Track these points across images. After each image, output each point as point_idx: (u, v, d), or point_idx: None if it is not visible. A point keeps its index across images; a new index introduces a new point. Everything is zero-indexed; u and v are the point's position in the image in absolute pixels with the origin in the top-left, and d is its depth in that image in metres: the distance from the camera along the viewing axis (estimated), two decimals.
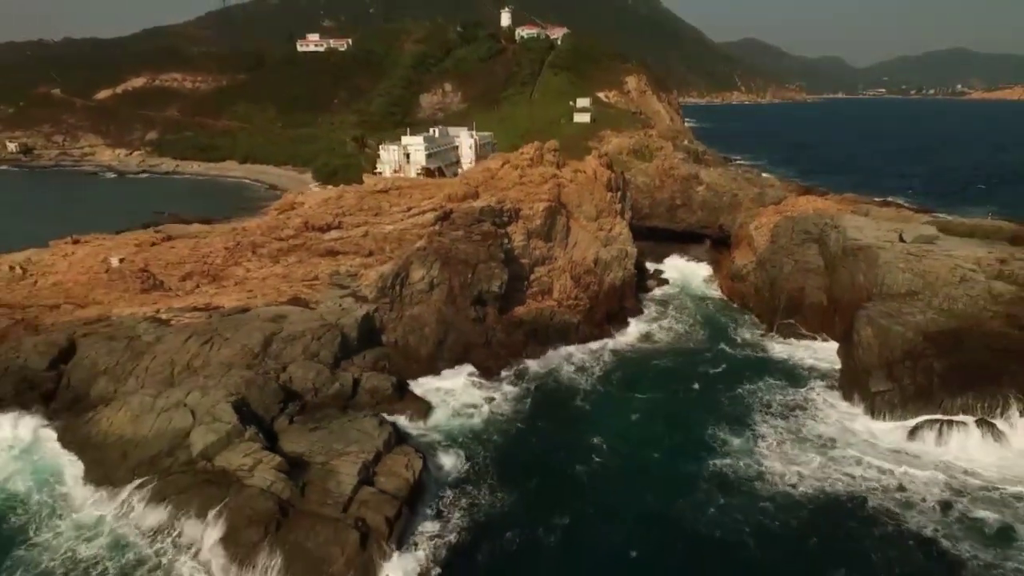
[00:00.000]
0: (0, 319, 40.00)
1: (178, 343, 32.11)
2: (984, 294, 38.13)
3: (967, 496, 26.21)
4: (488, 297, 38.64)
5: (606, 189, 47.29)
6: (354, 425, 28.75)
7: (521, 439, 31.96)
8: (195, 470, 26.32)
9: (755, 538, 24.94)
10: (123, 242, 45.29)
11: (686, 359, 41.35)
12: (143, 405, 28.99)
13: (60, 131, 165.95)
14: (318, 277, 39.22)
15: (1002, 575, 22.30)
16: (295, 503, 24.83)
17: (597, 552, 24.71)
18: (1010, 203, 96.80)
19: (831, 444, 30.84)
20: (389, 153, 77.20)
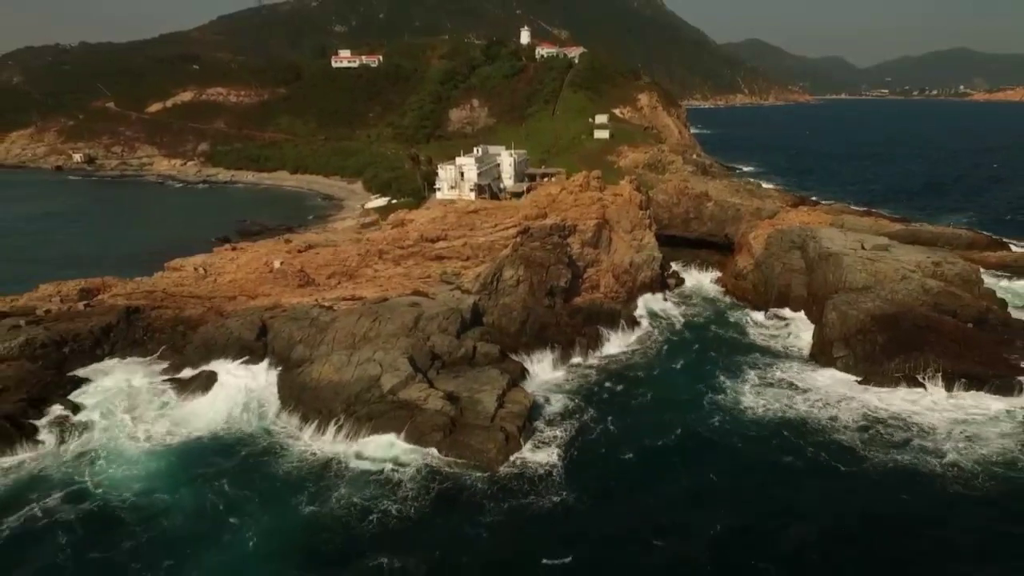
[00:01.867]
0: (197, 307, 54.76)
1: (352, 321, 46.48)
2: (918, 288, 52.37)
3: (882, 423, 40.39)
4: (557, 290, 53.01)
5: (638, 208, 61.61)
6: (482, 374, 43.16)
7: (588, 388, 46.26)
8: (386, 401, 40.74)
9: (738, 437, 39.33)
10: (276, 248, 59.78)
11: (700, 336, 55.67)
12: (341, 361, 43.42)
13: (118, 142, 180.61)
14: (431, 276, 53.55)
15: (893, 467, 36.35)
16: (457, 419, 39.23)
17: (639, 442, 38.96)
18: (983, 209, 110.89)
19: (800, 389, 45.12)
20: (446, 171, 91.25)
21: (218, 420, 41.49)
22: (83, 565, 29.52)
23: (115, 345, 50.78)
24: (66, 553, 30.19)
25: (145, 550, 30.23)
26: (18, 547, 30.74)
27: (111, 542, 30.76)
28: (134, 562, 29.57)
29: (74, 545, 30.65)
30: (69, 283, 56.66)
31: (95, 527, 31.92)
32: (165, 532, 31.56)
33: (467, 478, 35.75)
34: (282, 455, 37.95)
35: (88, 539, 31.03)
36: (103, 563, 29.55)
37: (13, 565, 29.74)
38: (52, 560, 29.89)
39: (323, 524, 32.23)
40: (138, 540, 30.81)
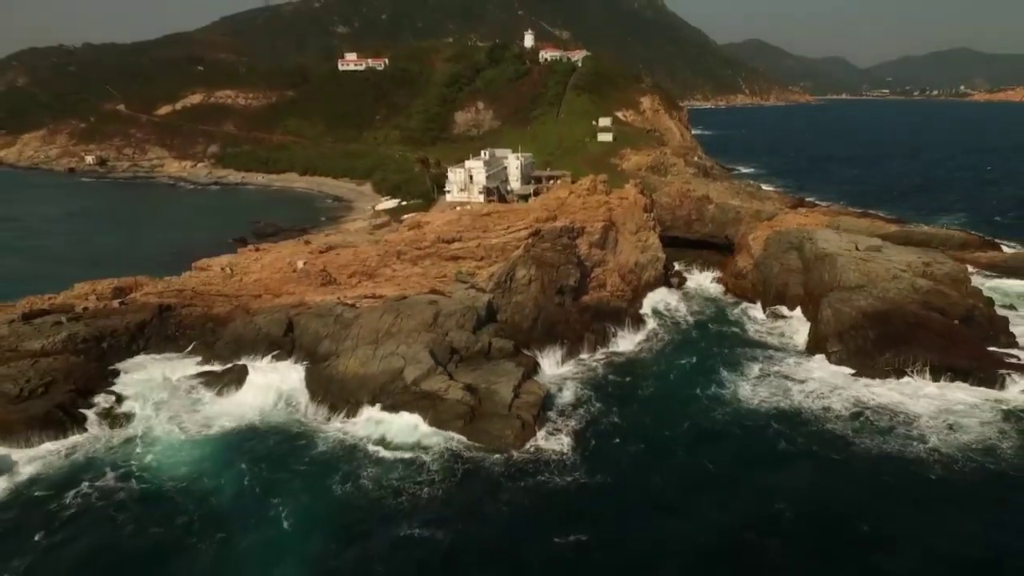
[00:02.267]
0: (225, 304, 57.77)
1: (375, 317, 49.46)
2: (908, 287, 55.29)
3: (871, 412, 43.31)
4: (566, 289, 55.99)
5: (642, 210, 64.58)
6: (498, 367, 46.15)
7: (597, 380, 49.22)
8: (410, 392, 43.74)
9: (737, 426, 42.29)
10: (298, 249, 62.82)
11: (702, 332, 58.66)
12: (366, 355, 46.42)
13: (129, 144, 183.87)
14: (446, 275, 56.53)
15: (879, 452, 39.28)
16: (476, 408, 42.22)
17: (644, 430, 41.90)
18: (976, 210, 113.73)
19: (796, 380, 48.08)
20: (456, 174, 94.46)
21: (252, 410, 44.43)
22: (143, 537, 32.48)
23: (149, 341, 53.78)
24: (125, 526, 33.16)
25: (198, 525, 33.19)
26: (77, 520, 33.67)
27: (165, 518, 33.73)
28: (189, 536, 32.53)
29: (132, 519, 33.63)
30: (103, 282, 59.70)
31: (149, 504, 34.88)
32: (214, 510, 34.54)
33: (486, 461, 38.74)
34: (314, 441, 40.94)
35: (144, 514, 33.99)
36: (161, 536, 32.50)
37: (74, 537, 32.68)
38: (112, 532, 32.85)
39: (357, 501, 35.24)
40: (191, 516, 33.76)
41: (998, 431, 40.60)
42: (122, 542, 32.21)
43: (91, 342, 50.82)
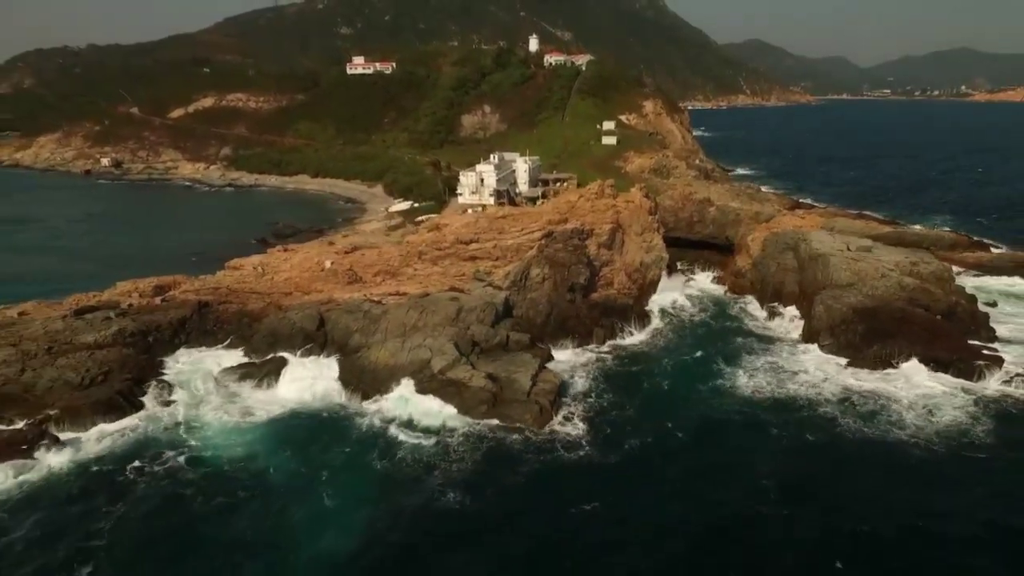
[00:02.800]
0: (258, 301, 61.94)
1: (402, 313, 53.62)
2: (895, 285, 59.40)
3: (858, 398, 47.46)
4: (577, 287, 60.13)
5: (647, 213, 68.70)
6: (517, 358, 50.32)
7: (606, 371, 53.33)
8: (437, 380, 47.90)
9: (735, 412, 46.38)
10: (324, 250, 66.99)
11: (703, 327, 62.80)
12: (396, 347, 50.61)
13: (143, 147, 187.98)
14: (465, 274, 60.68)
15: (863, 434, 43.38)
16: (498, 394, 46.37)
17: (649, 415, 46.00)
18: (967, 211, 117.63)
19: (790, 371, 52.19)
20: (467, 178, 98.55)
21: (291, 397, 48.57)
22: (204, 506, 36.54)
23: (190, 335, 57.92)
24: (186, 496, 37.28)
25: (258, 498, 37.28)
26: (143, 492, 37.67)
27: (227, 490, 37.82)
28: (250, 505, 36.64)
29: (194, 490, 37.76)
30: (144, 280, 63.92)
31: (206, 479, 38.98)
32: (269, 484, 38.64)
33: (508, 440, 42.90)
34: (352, 425, 45.10)
35: (205, 487, 38.10)
36: (225, 506, 36.60)
37: (140, 506, 36.67)
38: (176, 503, 36.91)
39: (394, 475, 39.40)
40: (251, 491, 37.81)
41: (971, 417, 44.72)
42: (184, 511, 36.30)
43: (138, 336, 54.97)
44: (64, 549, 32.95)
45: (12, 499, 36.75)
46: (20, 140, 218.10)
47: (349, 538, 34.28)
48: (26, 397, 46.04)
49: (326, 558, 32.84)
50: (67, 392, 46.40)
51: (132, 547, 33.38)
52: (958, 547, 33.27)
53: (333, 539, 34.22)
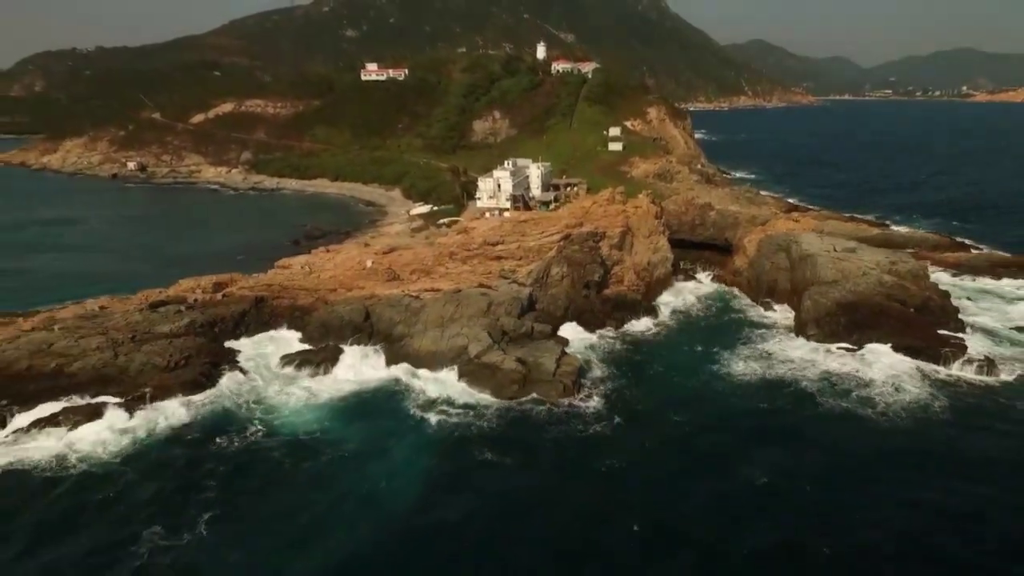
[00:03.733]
0: (307, 297, 69.47)
1: (440, 306, 61.14)
2: (875, 282, 66.79)
3: (837, 379, 54.87)
4: (592, 284, 67.61)
5: (654, 217, 76.16)
6: (541, 345, 57.81)
7: (618, 358, 60.79)
8: (474, 363, 55.39)
9: (731, 393, 53.79)
10: (364, 251, 74.50)
11: (703, 320, 70.25)
12: (436, 336, 58.13)
13: (166, 151, 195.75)
14: (492, 272, 68.16)
15: (839, 409, 50.75)
16: (527, 375, 53.84)
17: (656, 395, 53.42)
18: (953, 213, 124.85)
19: (780, 359, 59.59)
20: (485, 183, 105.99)
21: (347, 380, 56.04)
22: (298, 472, 43.74)
23: (249, 326, 65.48)
24: (278, 461, 44.75)
25: (333, 461, 44.66)
26: (233, 458, 44.98)
27: (306, 455, 45.18)
28: (326, 466, 44.04)
29: (282, 456, 45.19)
30: (204, 278, 71.44)
31: (289, 446, 46.38)
32: (340, 450, 45.95)
33: (537, 413, 50.34)
34: (404, 403, 52.46)
35: (289, 452, 45.52)
36: (308, 467, 43.98)
37: (229, 469, 43.85)
38: (263, 465, 44.30)
39: (444, 441, 46.82)
40: (326, 455, 45.11)
41: (931, 395, 52.14)
42: (272, 471, 43.74)
43: (206, 327, 62.54)
44: (172, 501, 40.22)
45: (124, 462, 44.19)
46: (45, 144, 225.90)
47: (412, 488, 41.72)
48: (122, 378, 53.62)
49: (397, 506, 40.18)
50: (156, 373, 53.96)
51: (231, 499, 40.76)
52: (909, 488, 40.77)
53: (399, 491, 41.61)
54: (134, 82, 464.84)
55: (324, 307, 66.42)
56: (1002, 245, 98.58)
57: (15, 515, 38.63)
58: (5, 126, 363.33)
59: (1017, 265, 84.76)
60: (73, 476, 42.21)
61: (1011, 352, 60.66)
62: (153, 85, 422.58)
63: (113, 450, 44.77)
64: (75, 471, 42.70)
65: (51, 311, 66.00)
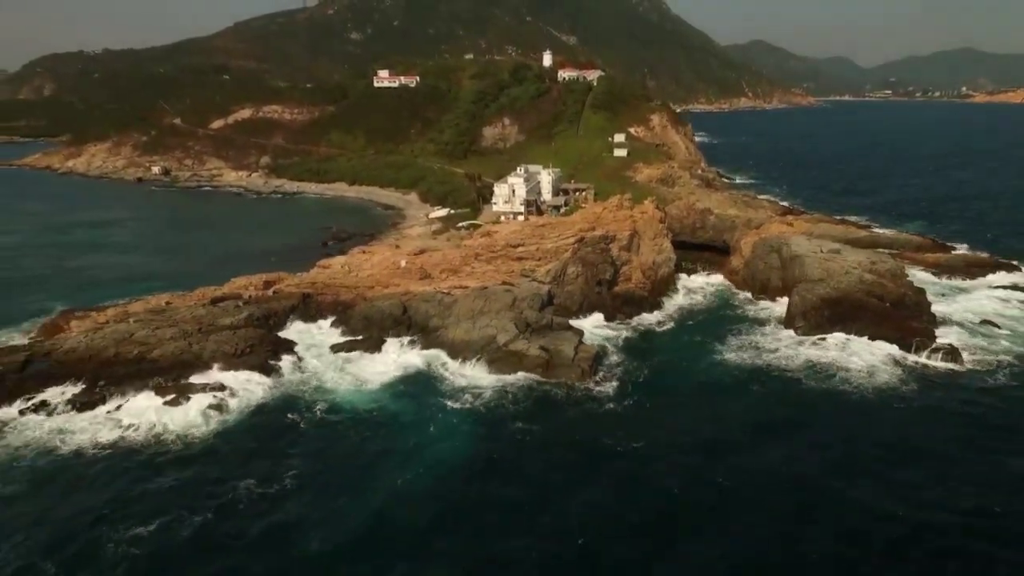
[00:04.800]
0: (348, 293, 77.53)
1: (470, 301, 69.16)
2: (856, 280, 74.76)
3: (819, 365, 62.79)
4: (604, 282, 75.61)
5: (658, 222, 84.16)
6: (560, 335, 65.76)
7: (627, 346, 68.76)
8: (502, 351, 63.40)
9: (725, 376, 61.75)
10: (398, 253, 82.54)
11: (703, 312, 78.22)
12: (468, 327, 66.14)
13: (189, 156, 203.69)
14: (513, 271, 76.17)
15: (820, 388, 58.71)
16: (549, 360, 61.84)
17: (661, 378, 61.38)
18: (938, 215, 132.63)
19: (769, 348, 67.54)
20: (501, 189, 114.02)
21: (391, 365, 64.02)
22: (360, 439, 51.75)
23: (298, 320, 73.56)
24: (343, 432, 52.76)
25: (390, 431, 52.68)
26: (304, 431, 53.05)
27: (364, 427, 53.18)
28: (383, 437, 52.03)
29: (345, 428, 53.20)
30: (255, 276, 79.58)
31: (349, 420, 54.41)
32: (395, 422, 53.94)
33: (557, 394, 58.31)
34: (442, 384, 60.45)
35: (350, 425, 53.53)
36: (370, 436, 51.96)
37: (303, 440, 51.91)
38: (329, 437, 52.29)
39: (478, 414, 54.77)
40: (385, 426, 53.16)
41: (900, 378, 60.17)
42: (339, 440, 51.79)
43: (262, 319, 70.61)
44: (260, 462, 48.23)
45: (213, 432, 52.25)
46: (68, 148, 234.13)
47: (456, 453, 49.71)
48: (197, 363, 61.65)
49: (444, 466, 48.14)
50: (227, 360, 62.00)
51: (308, 460, 48.79)
52: (878, 452, 48.75)
53: (445, 455, 49.57)
54: (145, 86, 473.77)
55: (364, 302, 74.45)
56: (981, 246, 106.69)
57: (129, 476, 46.61)
58: (20, 129, 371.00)
59: (989, 265, 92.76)
60: (172, 444, 50.28)
61: (975, 342, 68.66)
62: (165, 89, 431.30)
63: (202, 424, 52.78)
64: (172, 441, 50.74)
65: (122, 306, 74.32)
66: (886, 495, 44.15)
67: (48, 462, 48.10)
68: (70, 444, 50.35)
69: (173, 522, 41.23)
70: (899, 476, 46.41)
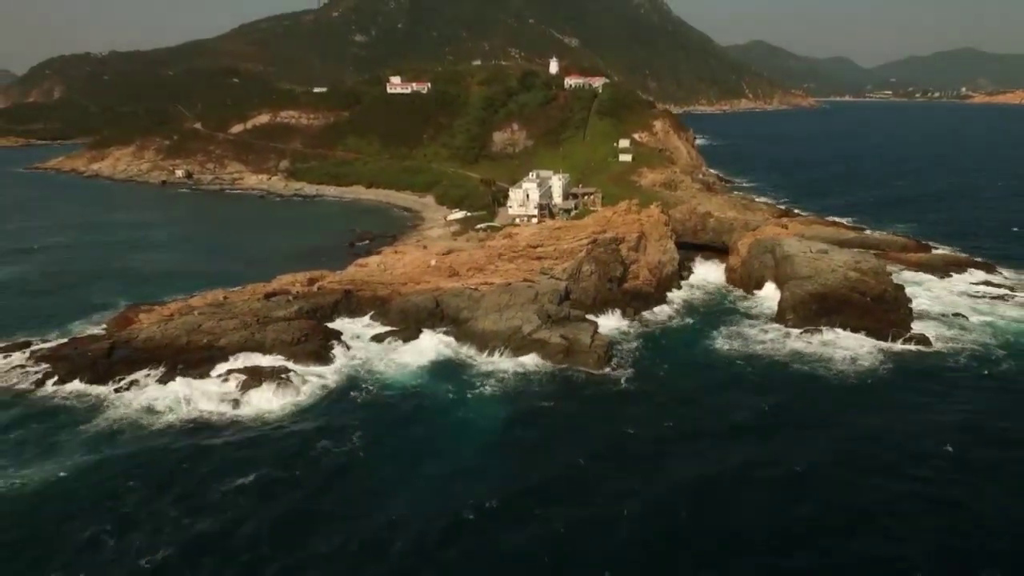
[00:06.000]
0: (384, 289, 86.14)
1: (496, 296, 77.73)
2: (841, 277, 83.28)
3: (807, 356, 71.32)
4: (614, 279, 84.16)
5: (663, 224, 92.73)
6: (578, 325, 74.29)
7: (636, 336, 77.29)
8: (527, 340, 71.96)
9: (721, 361, 70.30)
10: (429, 252, 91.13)
11: (704, 307, 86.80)
12: (495, 319, 74.70)
13: (210, 160, 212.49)
14: (533, 269, 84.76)
15: (804, 372, 67.26)
16: (568, 348, 70.40)
17: (665, 363, 69.92)
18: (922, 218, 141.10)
19: (762, 339, 76.08)
20: (515, 193, 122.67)
21: (428, 352, 72.51)
22: (411, 411, 60.24)
23: (341, 313, 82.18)
24: (395, 405, 61.33)
25: (434, 406, 61.25)
26: (363, 407, 61.60)
27: (416, 402, 61.72)
28: (427, 412, 60.57)
29: (397, 402, 61.78)
30: (300, 274, 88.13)
31: (398, 397, 62.99)
32: (437, 399, 62.44)
33: (576, 377, 66.80)
34: (473, 369, 68.96)
35: (400, 401, 62.11)
36: (418, 410, 60.47)
37: (363, 416, 60.41)
38: (388, 407, 60.89)
39: (508, 394, 63.24)
40: (429, 402, 61.73)
41: (878, 363, 68.70)
42: (393, 410, 60.40)
43: (311, 312, 79.20)
44: (331, 429, 56.80)
45: (285, 408, 60.76)
46: (91, 152, 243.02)
47: (489, 423, 58.25)
48: (261, 350, 70.24)
49: (479, 438, 56.48)
50: (287, 347, 70.58)
51: (370, 426, 57.35)
52: (857, 432, 57.30)
53: (480, 427, 58.04)
54: (156, 89, 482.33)
55: (399, 297, 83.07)
56: (960, 247, 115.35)
57: (221, 443, 55.15)
58: (37, 132, 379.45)
59: (965, 264, 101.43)
60: (251, 420, 58.79)
61: (947, 333, 77.10)
62: (177, 92, 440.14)
63: (276, 402, 61.13)
64: (251, 416, 59.27)
65: (183, 301, 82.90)
66: (853, 441, 52.91)
67: (146, 433, 56.64)
68: (160, 418, 58.94)
69: (269, 479, 49.72)
70: (864, 429, 55.19)
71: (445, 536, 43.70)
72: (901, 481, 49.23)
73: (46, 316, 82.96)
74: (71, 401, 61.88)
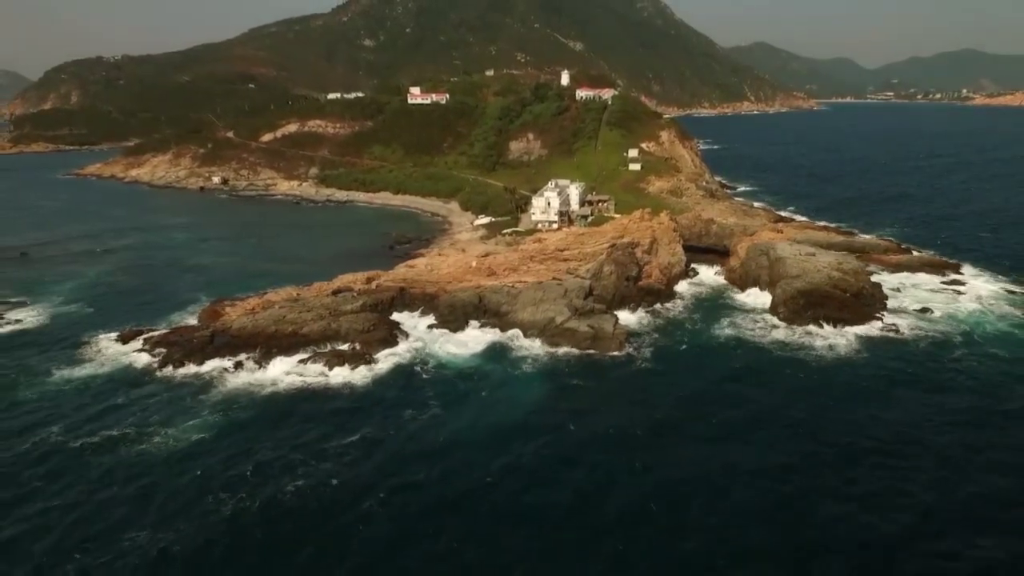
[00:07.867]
0: (432, 287, 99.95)
1: (531, 292, 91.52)
2: (825, 276, 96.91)
3: (794, 343, 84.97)
4: (631, 278, 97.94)
5: (672, 230, 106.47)
6: (601, 317, 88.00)
7: (650, 326, 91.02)
8: (560, 329, 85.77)
9: (721, 349, 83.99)
10: (469, 255, 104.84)
11: (708, 302, 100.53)
12: (532, 311, 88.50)
13: (244, 166, 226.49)
14: (561, 270, 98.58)
15: (790, 357, 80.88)
16: (594, 336, 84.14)
17: (676, 350, 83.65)
18: (907, 222, 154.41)
19: (756, 330, 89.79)
20: (538, 200, 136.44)
21: (476, 340, 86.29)
22: (468, 386, 74.11)
23: (398, 307, 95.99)
24: (454, 383, 75.08)
25: (484, 383, 75.01)
26: (427, 384, 75.41)
27: (471, 380, 75.47)
28: (480, 386, 74.34)
29: (455, 379, 75.56)
30: (358, 274, 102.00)
31: (456, 375, 76.73)
32: (488, 378, 76.22)
33: (600, 360, 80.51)
34: (515, 352, 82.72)
35: (459, 379, 75.79)
36: (473, 386, 74.29)
37: (430, 391, 74.21)
38: (451, 389, 74.57)
39: (544, 373, 76.97)
40: (481, 380, 75.54)
41: (856, 350, 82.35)
42: (451, 385, 74.18)
43: (373, 307, 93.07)
44: (405, 401, 70.58)
45: (368, 383, 74.55)
46: (127, 159, 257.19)
47: (531, 398, 71.98)
48: (339, 338, 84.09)
49: (524, 404, 70.33)
50: (359, 335, 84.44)
51: (438, 398, 71.11)
52: (836, 412, 70.88)
53: (525, 398, 71.65)
54: (173, 94, 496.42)
55: (446, 294, 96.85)
56: (934, 249, 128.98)
57: (323, 413, 68.91)
58: (65, 138, 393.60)
59: (937, 265, 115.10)
60: (341, 392, 72.64)
61: (914, 323, 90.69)
62: (195, 97, 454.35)
63: (358, 378, 75.22)
64: (340, 388, 73.11)
65: (262, 296, 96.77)
66: (830, 413, 66.61)
67: (259, 399, 70.46)
68: (265, 389, 72.83)
69: (369, 434, 63.58)
70: (841, 404, 68.83)
71: (505, 471, 57.59)
72: (861, 436, 63.01)
73: (145, 309, 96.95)
74: (189, 379, 75.80)
